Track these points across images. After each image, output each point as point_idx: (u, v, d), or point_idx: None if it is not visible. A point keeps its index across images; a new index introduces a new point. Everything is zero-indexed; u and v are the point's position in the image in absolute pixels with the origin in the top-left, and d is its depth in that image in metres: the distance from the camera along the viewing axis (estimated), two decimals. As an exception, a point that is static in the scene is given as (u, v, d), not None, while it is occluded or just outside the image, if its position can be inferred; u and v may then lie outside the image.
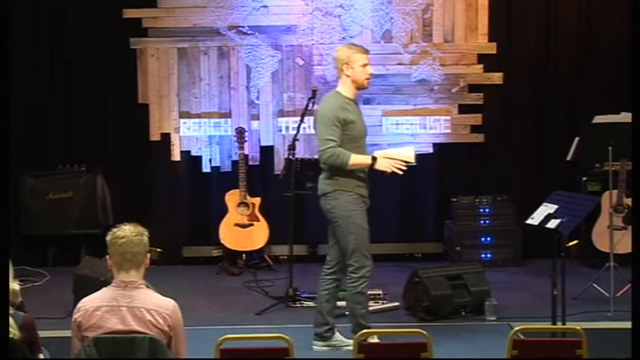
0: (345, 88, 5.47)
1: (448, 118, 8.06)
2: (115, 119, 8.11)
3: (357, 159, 5.36)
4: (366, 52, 5.53)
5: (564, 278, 5.27)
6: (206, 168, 8.13)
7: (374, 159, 5.39)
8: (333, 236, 5.57)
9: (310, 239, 8.12)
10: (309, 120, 7.80)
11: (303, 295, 6.69)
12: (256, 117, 8.10)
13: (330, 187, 5.45)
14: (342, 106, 5.39)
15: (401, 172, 5.42)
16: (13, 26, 7.25)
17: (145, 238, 3.83)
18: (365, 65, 5.44)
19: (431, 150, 8.08)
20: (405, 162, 5.46)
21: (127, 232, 3.79)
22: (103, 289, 3.84)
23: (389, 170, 5.39)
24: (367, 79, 5.49)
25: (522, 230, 7.54)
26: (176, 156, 8.09)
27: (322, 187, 5.51)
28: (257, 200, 7.81)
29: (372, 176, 8.04)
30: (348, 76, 5.43)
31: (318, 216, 8.06)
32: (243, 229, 7.76)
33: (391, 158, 5.47)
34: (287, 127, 8.06)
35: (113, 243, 3.79)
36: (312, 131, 7.97)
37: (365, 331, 4.16)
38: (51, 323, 5.79)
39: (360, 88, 5.54)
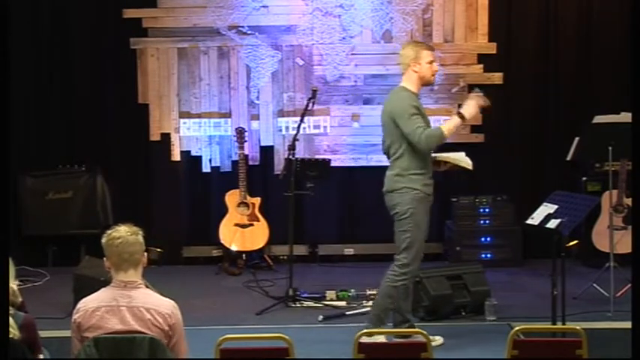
0: (411, 84, 5.50)
1: (448, 118, 8.03)
2: (115, 119, 8.11)
3: (448, 125, 5.41)
4: (433, 49, 5.65)
5: (564, 278, 5.26)
6: (206, 168, 8.13)
7: (460, 114, 5.42)
8: None
9: (310, 239, 8.13)
10: (309, 120, 7.85)
11: (303, 295, 6.69)
12: (256, 117, 8.10)
13: (399, 183, 5.48)
14: (414, 99, 5.46)
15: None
16: (13, 26, 7.26)
17: (141, 237, 3.84)
18: (431, 62, 5.50)
19: (431, 150, 8.08)
20: (463, 168, 5.56)
21: (122, 232, 3.80)
22: (103, 289, 3.84)
23: (477, 109, 5.48)
24: (433, 75, 5.56)
25: (522, 230, 7.54)
26: (176, 156, 8.09)
27: (390, 183, 5.54)
28: (257, 200, 7.81)
29: (374, 175, 8.11)
30: (415, 72, 5.47)
31: (318, 216, 8.15)
32: (243, 229, 7.76)
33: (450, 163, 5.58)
34: (287, 127, 8.06)
35: (109, 244, 3.79)
36: (314, 131, 8.07)
37: (365, 331, 4.16)
38: (51, 323, 5.79)
39: (426, 84, 5.60)
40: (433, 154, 5.58)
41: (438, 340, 5.51)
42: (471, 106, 5.44)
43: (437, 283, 6.27)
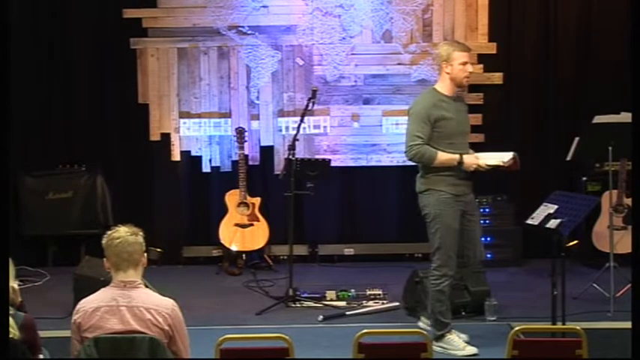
0: (443, 85, 5.50)
1: (448, 118, 8.04)
2: (115, 119, 8.12)
3: (443, 157, 5.37)
4: (467, 50, 5.56)
5: (564, 278, 5.26)
6: (206, 168, 8.13)
7: (461, 161, 5.38)
8: None
9: (310, 239, 8.13)
10: (309, 120, 7.85)
11: (303, 295, 6.69)
12: (256, 117, 8.10)
13: (423, 185, 5.51)
14: (435, 103, 5.42)
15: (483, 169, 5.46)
16: (13, 26, 7.25)
17: (140, 238, 3.84)
18: (465, 63, 5.46)
19: (431, 150, 8.07)
20: (497, 165, 5.48)
21: (122, 232, 3.82)
22: (102, 289, 3.84)
23: (472, 169, 5.42)
24: (466, 77, 5.51)
25: (522, 230, 7.53)
26: (176, 156, 8.09)
27: (417, 185, 5.57)
28: (257, 200, 7.81)
29: (374, 175, 8.12)
30: (447, 73, 5.46)
31: (318, 216, 8.15)
32: (243, 229, 7.76)
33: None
34: (287, 127, 8.06)
35: (109, 245, 3.81)
36: (314, 131, 8.07)
37: (365, 331, 4.16)
38: (51, 323, 5.79)
39: (458, 85, 5.57)
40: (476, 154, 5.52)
41: (470, 349, 5.49)
42: (473, 161, 5.43)
43: (437, 283, 6.26)
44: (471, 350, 5.46)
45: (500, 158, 5.52)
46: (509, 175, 8.02)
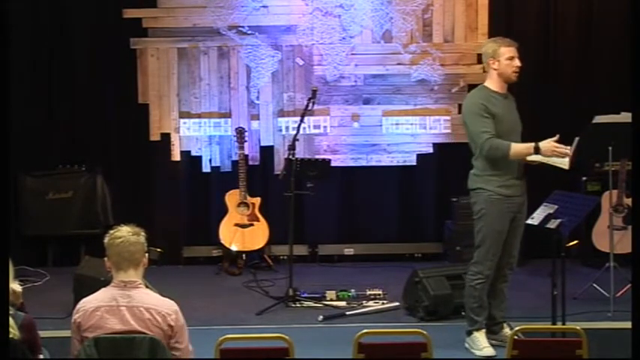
0: (492, 82, 5.47)
1: (448, 118, 8.06)
2: (115, 119, 8.11)
3: (518, 147, 5.33)
4: (513, 44, 5.50)
5: (564, 278, 5.26)
6: (206, 168, 8.13)
7: (537, 147, 5.31)
8: None
9: (310, 239, 8.13)
10: (309, 120, 7.85)
11: (303, 295, 6.68)
12: (256, 117, 8.10)
13: (474, 184, 5.52)
14: (486, 98, 5.40)
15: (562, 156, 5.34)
16: (13, 26, 7.25)
17: (142, 238, 3.85)
18: (512, 58, 5.42)
19: (431, 150, 8.08)
20: (558, 168, 5.41)
21: (124, 232, 3.82)
22: (103, 289, 3.85)
23: (552, 155, 5.33)
24: (515, 72, 5.45)
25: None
26: (176, 156, 8.09)
27: (469, 182, 5.57)
28: (257, 200, 7.81)
29: (374, 175, 8.11)
30: (495, 70, 5.43)
31: (318, 216, 8.15)
32: (243, 229, 7.76)
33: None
34: (287, 127, 8.06)
35: (111, 244, 3.81)
36: (314, 131, 8.08)
37: (365, 331, 4.16)
38: (51, 323, 5.80)
39: (507, 81, 5.49)
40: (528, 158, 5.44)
41: (487, 351, 5.46)
42: (550, 146, 5.32)
43: (437, 283, 6.27)
44: (488, 352, 5.45)
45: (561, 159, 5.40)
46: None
